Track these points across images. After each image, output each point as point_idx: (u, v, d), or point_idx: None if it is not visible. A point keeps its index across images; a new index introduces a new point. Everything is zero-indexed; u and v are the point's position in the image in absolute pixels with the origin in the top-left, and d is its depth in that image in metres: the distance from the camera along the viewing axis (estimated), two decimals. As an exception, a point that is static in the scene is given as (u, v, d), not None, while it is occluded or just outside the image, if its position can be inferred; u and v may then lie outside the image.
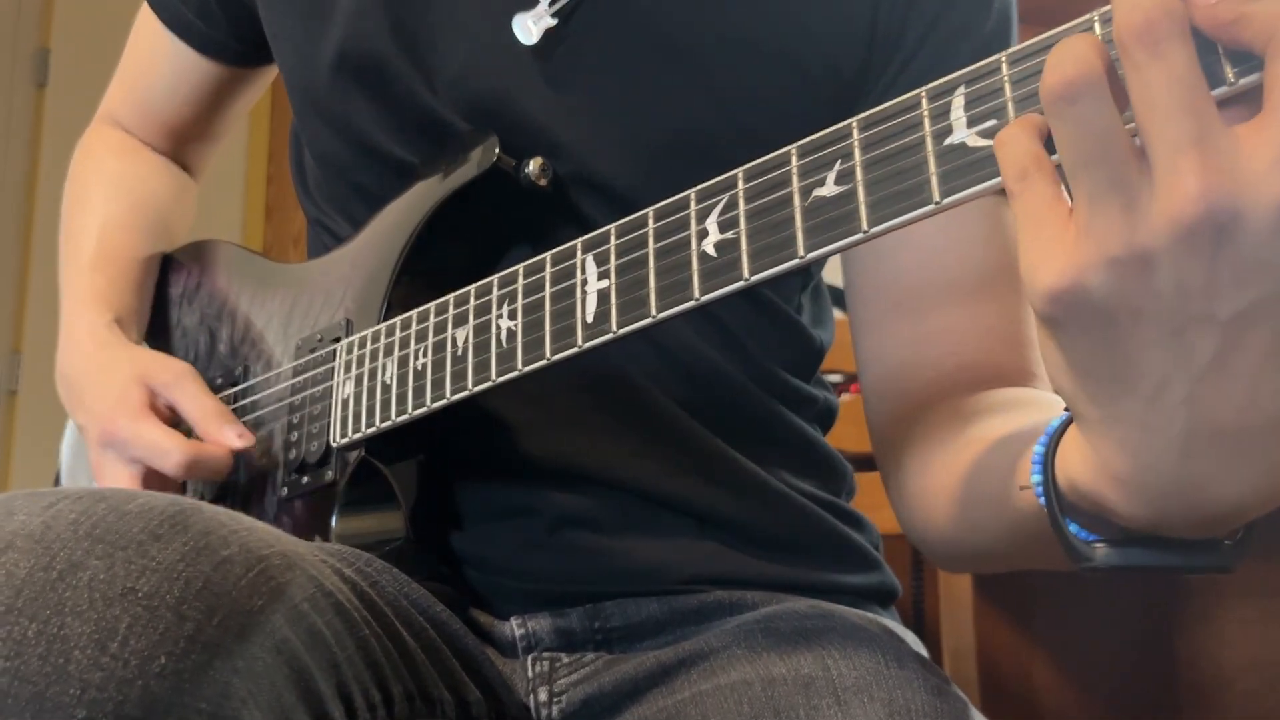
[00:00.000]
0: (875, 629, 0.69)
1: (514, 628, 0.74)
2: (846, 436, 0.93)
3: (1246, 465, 0.42)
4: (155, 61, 0.97)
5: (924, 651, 0.74)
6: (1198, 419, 0.42)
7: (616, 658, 0.72)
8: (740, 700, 0.62)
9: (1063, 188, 0.42)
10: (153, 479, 0.79)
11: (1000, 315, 0.72)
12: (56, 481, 1.00)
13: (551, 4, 0.74)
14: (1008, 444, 0.58)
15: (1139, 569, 0.48)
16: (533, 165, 0.73)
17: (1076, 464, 0.47)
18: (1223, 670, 1.54)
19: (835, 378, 1.49)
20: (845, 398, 0.80)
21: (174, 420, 0.81)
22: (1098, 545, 0.48)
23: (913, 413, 0.72)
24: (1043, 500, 0.49)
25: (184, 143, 1.02)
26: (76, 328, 0.87)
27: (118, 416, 0.79)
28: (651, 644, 0.73)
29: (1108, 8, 0.42)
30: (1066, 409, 0.47)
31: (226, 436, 0.78)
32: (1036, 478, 0.50)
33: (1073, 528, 0.49)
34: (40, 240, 3.38)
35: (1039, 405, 0.64)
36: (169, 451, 0.76)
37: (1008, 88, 0.46)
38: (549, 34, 0.74)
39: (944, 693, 0.62)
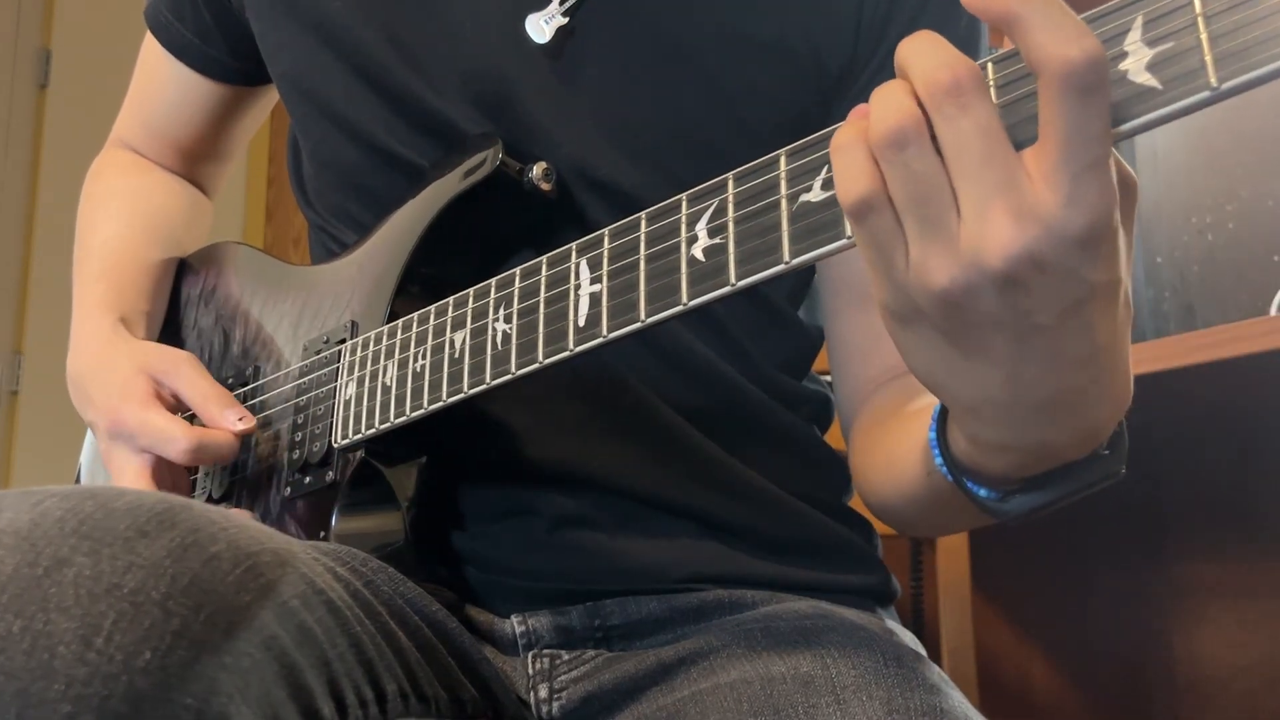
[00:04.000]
0: (874, 628, 0.69)
1: (514, 625, 0.74)
2: (845, 437, 0.94)
3: (1095, 399, 0.50)
4: (160, 84, 0.99)
5: (922, 651, 0.74)
6: (1049, 386, 0.48)
7: (616, 656, 0.72)
8: (740, 699, 0.62)
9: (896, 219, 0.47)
10: (162, 468, 0.79)
11: None
12: (77, 482, 1.00)
13: (562, 2, 0.74)
14: (920, 425, 0.62)
15: (1049, 505, 0.55)
16: (536, 169, 0.73)
17: (963, 444, 0.55)
18: (1221, 670, 1.54)
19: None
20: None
21: (179, 408, 0.81)
22: (1009, 499, 0.56)
23: (868, 394, 0.76)
24: (950, 478, 0.56)
25: (194, 162, 1.03)
26: (82, 333, 0.88)
27: (123, 407, 0.79)
28: (651, 642, 0.73)
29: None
30: None
31: (227, 420, 0.78)
32: (937, 459, 0.57)
33: (983, 492, 0.56)
34: (42, 241, 3.38)
35: None
36: (175, 438, 0.77)
37: (992, 91, 0.46)
38: (560, 32, 0.74)
39: (942, 692, 0.62)
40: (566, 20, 0.74)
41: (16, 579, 0.46)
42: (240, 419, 0.78)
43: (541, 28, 0.75)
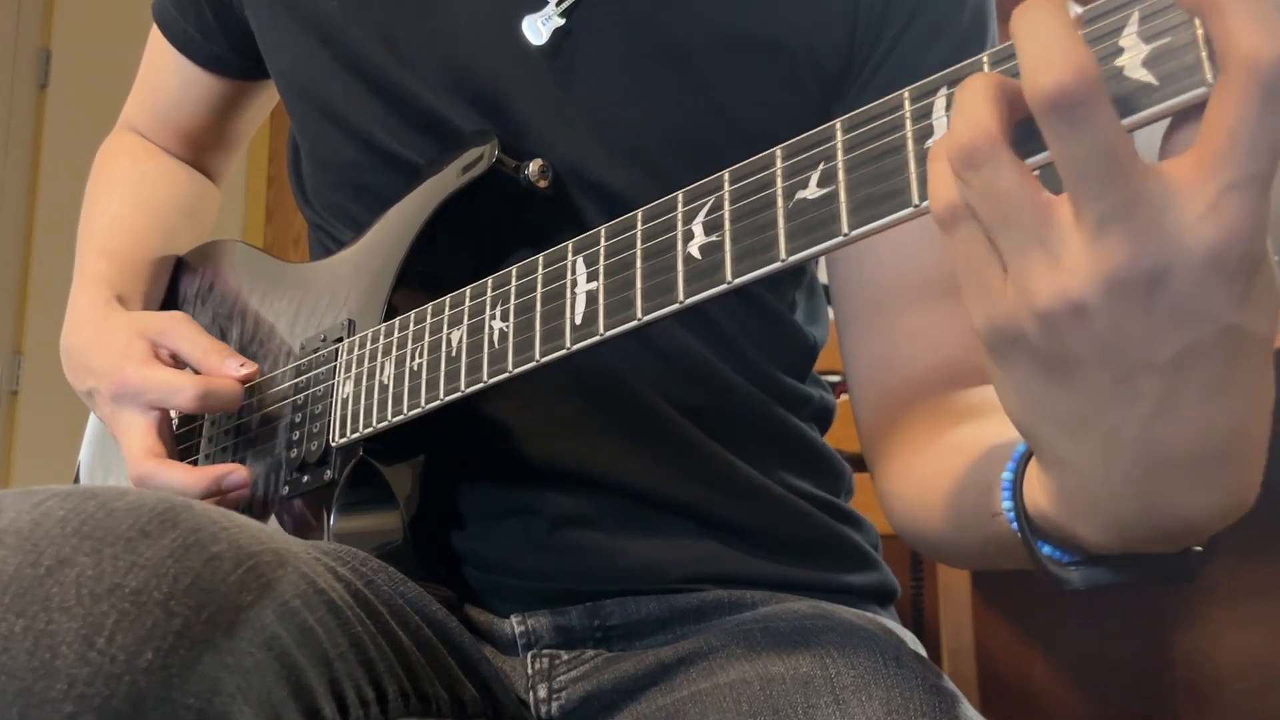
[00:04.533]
0: (874, 628, 0.69)
1: (514, 625, 0.74)
2: (845, 436, 0.93)
3: (1205, 490, 0.43)
4: (165, 75, 0.99)
5: (922, 651, 0.74)
6: (1152, 455, 0.42)
7: (616, 655, 0.72)
8: (739, 699, 0.62)
9: None
10: (166, 428, 0.80)
11: None
12: (76, 483, 1.00)
13: (559, 4, 0.74)
14: (983, 461, 0.59)
15: (1114, 586, 0.49)
16: (533, 166, 0.73)
17: (1042, 499, 0.48)
18: (1220, 670, 1.54)
19: (834, 378, 1.49)
20: (844, 398, 0.80)
21: (178, 367, 0.82)
22: (1072, 568, 0.49)
23: (893, 409, 0.73)
24: (1015, 527, 0.50)
25: (200, 151, 1.03)
26: (79, 306, 0.89)
27: (126, 366, 0.80)
28: (651, 642, 0.73)
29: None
30: None
31: (229, 367, 0.79)
32: (1007, 504, 0.51)
33: (1046, 549, 0.50)
34: (42, 241, 3.38)
35: None
36: (181, 388, 0.77)
37: None
38: (557, 34, 0.74)
39: (942, 692, 0.62)
40: (564, 22, 0.74)
41: (19, 579, 0.46)
42: (242, 365, 0.79)
43: (538, 29, 0.74)
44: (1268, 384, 0.43)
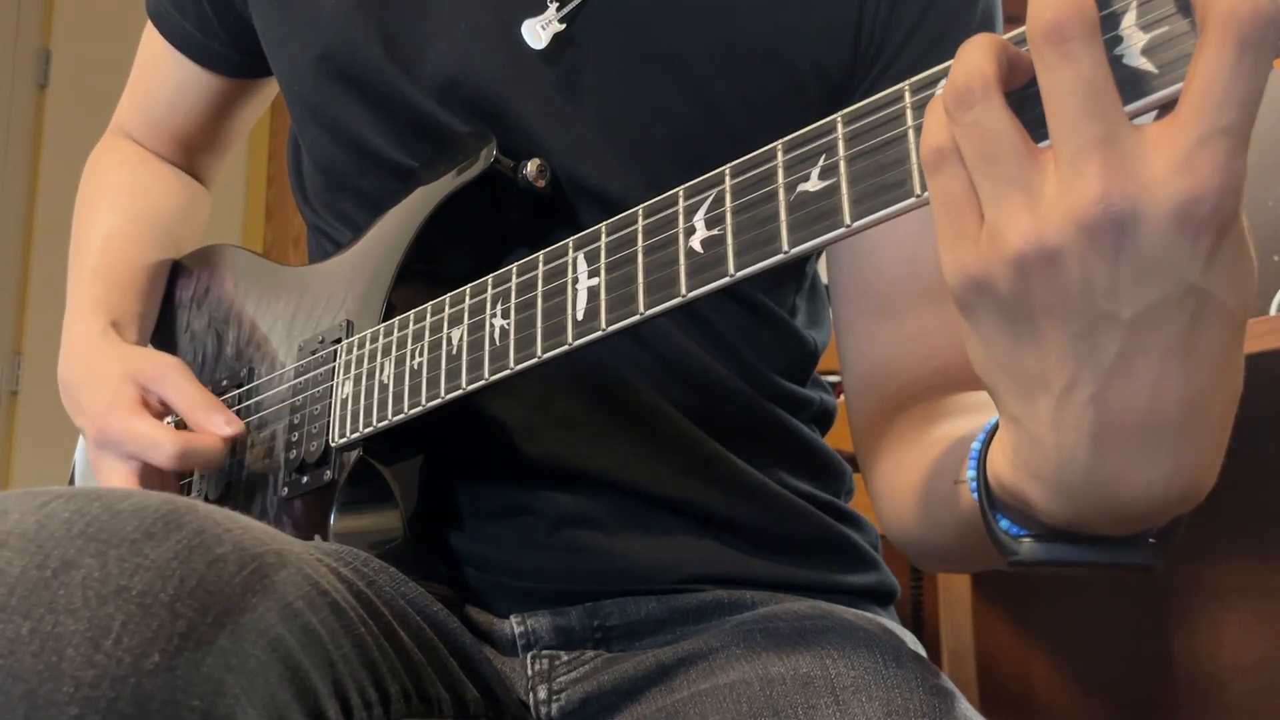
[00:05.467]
0: (873, 629, 0.69)
1: (513, 626, 0.74)
2: (846, 437, 0.93)
3: (1154, 464, 0.43)
4: (159, 74, 0.99)
5: (922, 651, 0.74)
6: (1104, 418, 0.43)
7: (615, 656, 0.72)
8: (739, 699, 0.62)
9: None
10: (150, 475, 0.79)
11: None
12: (70, 483, 1.00)
13: (559, 9, 0.74)
14: (959, 445, 0.59)
15: (1063, 564, 0.49)
16: (530, 167, 0.73)
17: (1000, 460, 0.48)
18: (1221, 671, 1.54)
19: (834, 379, 1.49)
20: (844, 399, 0.80)
21: (167, 415, 0.82)
22: (1024, 539, 0.49)
23: (889, 413, 0.73)
24: (975, 495, 0.51)
25: (192, 153, 1.03)
26: (73, 334, 0.88)
27: (110, 415, 0.80)
28: (650, 643, 0.73)
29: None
30: None
31: (215, 424, 0.78)
32: (971, 473, 0.51)
33: (1004, 523, 0.50)
34: (41, 241, 3.38)
35: None
36: (160, 444, 0.77)
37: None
38: (557, 38, 0.74)
39: (941, 692, 0.62)
40: (564, 26, 0.74)
41: (24, 581, 0.46)
42: (228, 423, 0.78)
43: (538, 33, 0.74)
44: (1235, 365, 0.43)
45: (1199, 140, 0.38)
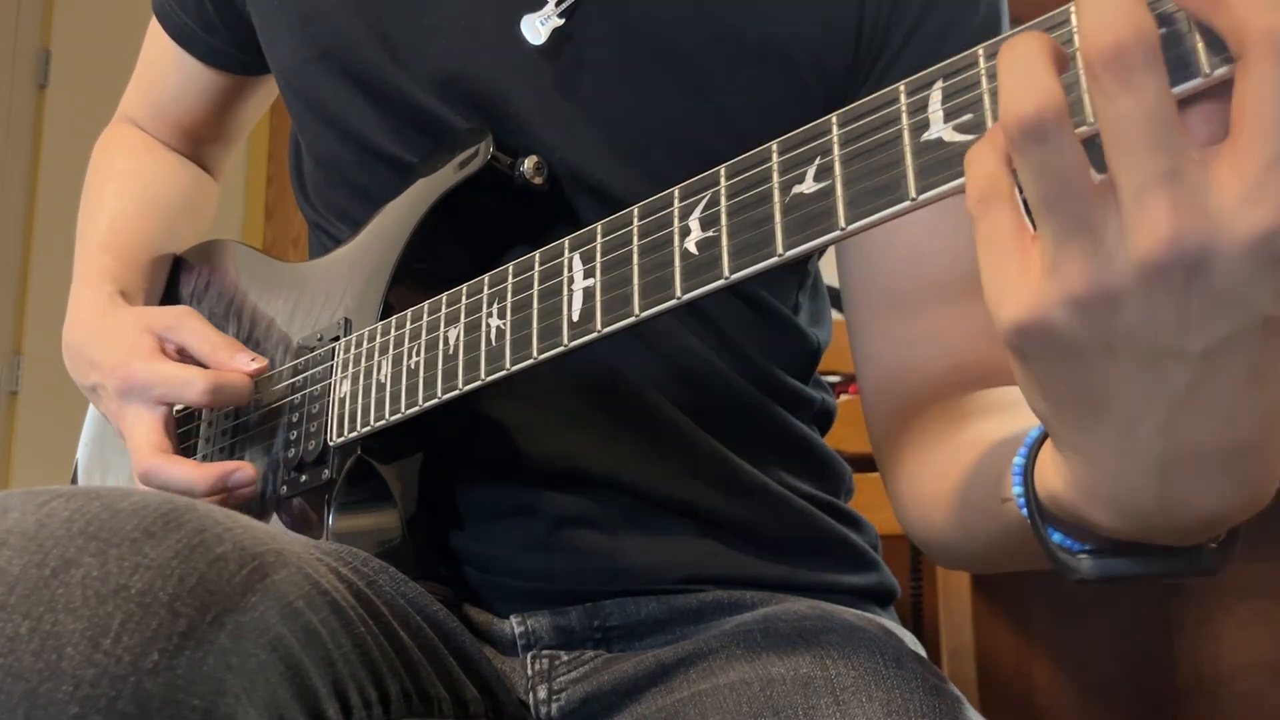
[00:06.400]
0: (873, 629, 0.69)
1: (513, 626, 0.74)
2: (845, 437, 0.93)
3: (1224, 481, 0.42)
4: (164, 68, 0.99)
5: (922, 652, 0.74)
6: (1173, 445, 0.41)
7: (615, 656, 0.72)
8: (739, 700, 0.62)
9: (1024, 213, 0.41)
10: (172, 425, 0.80)
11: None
12: (72, 482, 1.00)
13: (559, 4, 0.74)
14: (995, 451, 0.58)
15: (1126, 579, 0.47)
16: (528, 164, 0.73)
17: (1055, 479, 0.46)
18: (1221, 670, 1.54)
19: (834, 378, 1.49)
20: (844, 398, 0.80)
21: (185, 362, 0.82)
22: (1083, 556, 0.48)
23: (908, 413, 0.72)
24: (1025, 513, 0.49)
25: (199, 144, 1.03)
26: (81, 301, 0.88)
27: (133, 362, 0.79)
28: (651, 643, 0.73)
29: (1064, 8, 0.41)
30: None
31: (239, 362, 0.79)
32: (1017, 490, 0.49)
33: (1057, 537, 0.48)
34: (41, 241, 3.38)
35: (1025, 407, 0.64)
36: (190, 381, 0.77)
37: (984, 81, 0.45)
38: (556, 33, 0.74)
39: (942, 692, 0.62)
40: (563, 22, 0.74)
41: (24, 580, 0.46)
42: (252, 360, 0.79)
43: (537, 29, 0.74)
44: None
45: (1266, 167, 0.36)
